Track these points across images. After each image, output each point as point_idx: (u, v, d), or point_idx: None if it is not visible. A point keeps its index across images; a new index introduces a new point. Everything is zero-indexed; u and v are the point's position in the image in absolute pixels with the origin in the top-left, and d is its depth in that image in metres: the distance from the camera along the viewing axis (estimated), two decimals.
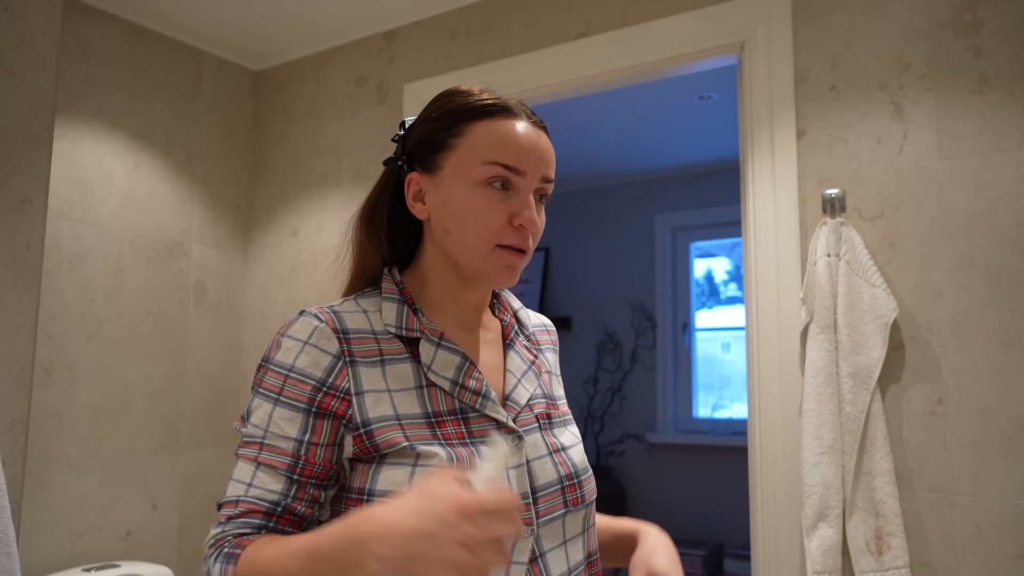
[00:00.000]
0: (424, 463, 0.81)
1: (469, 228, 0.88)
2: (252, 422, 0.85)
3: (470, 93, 0.92)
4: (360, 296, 0.94)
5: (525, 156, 0.88)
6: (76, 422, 2.30)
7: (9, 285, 1.31)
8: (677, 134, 3.54)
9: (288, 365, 0.84)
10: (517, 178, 0.88)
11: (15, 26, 1.35)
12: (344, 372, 0.84)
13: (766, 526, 1.75)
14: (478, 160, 0.88)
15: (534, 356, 1.01)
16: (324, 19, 2.53)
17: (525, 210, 0.88)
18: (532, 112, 0.94)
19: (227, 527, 0.80)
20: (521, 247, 0.90)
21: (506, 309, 1.04)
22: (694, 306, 4.17)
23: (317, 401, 0.83)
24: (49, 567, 2.20)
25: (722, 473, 3.86)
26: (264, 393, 0.85)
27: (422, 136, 0.93)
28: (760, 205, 1.83)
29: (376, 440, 0.83)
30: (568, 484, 0.90)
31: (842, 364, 1.64)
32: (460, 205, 0.88)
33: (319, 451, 0.83)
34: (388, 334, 0.89)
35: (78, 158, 2.35)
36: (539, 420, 0.94)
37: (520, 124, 0.90)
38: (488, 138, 0.89)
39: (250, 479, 0.82)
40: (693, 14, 1.96)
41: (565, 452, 0.93)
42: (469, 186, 0.88)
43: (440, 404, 0.87)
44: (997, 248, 1.56)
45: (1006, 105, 1.57)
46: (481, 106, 0.90)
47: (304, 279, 2.67)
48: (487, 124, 0.89)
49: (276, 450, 0.82)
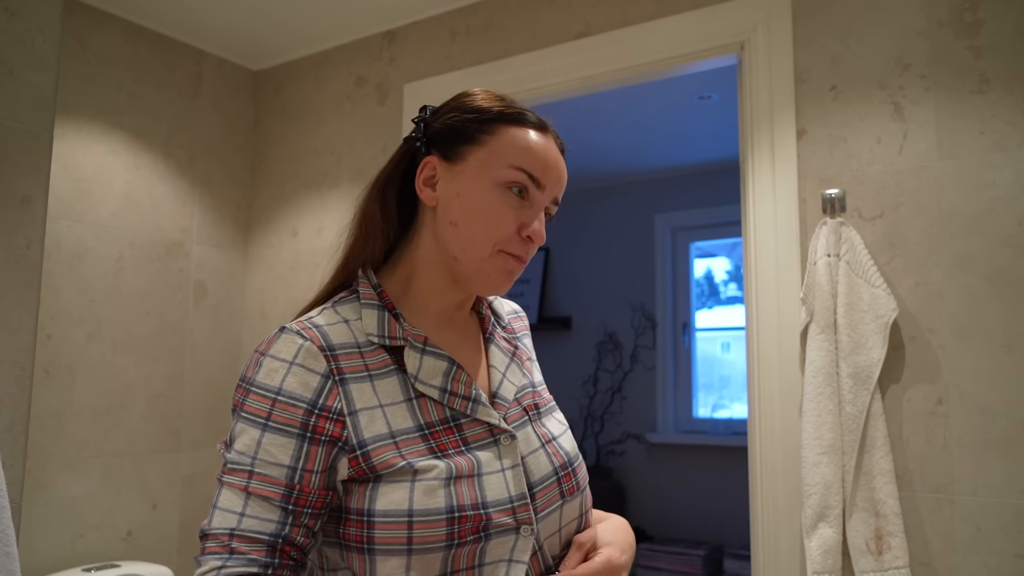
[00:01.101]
0: (422, 478, 0.80)
1: (480, 226, 0.88)
2: (237, 448, 0.80)
3: (503, 99, 0.94)
4: (338, 303, 0.91)
5: (548, 172, 0.90)
6: (76, 422, 2.30)
7: (9, 285, 1.31)
8: (677, 134, 3.54)
9: (275, 388, 0.80)
10: (536, 190, 0.90)
11: (15, 26, 1.35)
12: (335, 392, 0.82)
13: (766, 526, 1.75)
14: (505, 162, 0.89)
15: (514, 347, 1.00)
16: (324, 19, 2.53)
17: (535, 222, 0.90)
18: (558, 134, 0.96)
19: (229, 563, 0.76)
20: (523, 256, 0.90)
21: (482, 300, 1.03)
22: (694, 306, 4.17)
23: (311, 425, 0.80)
24: (49, 567, 2.20)
25: (722, 473, 3.86)
26: (249, 418, 0.81)
27: (451, 122, 0.92)
28: (760, 205, 1.83)
29: (373, 461, 0.80)
30: (563, 474, 0.90)
31: (842, 364, 1.64)
32: (476, 201, 0.88)
33: (314, 478, 0.80)
34: (371, 345, 0.87)
35: (78, 158, 2.35)
36: (528, 412, 0.93)
37: (548, 141, 0.92)
38: (519, 144, 0.90)
39: (241, 509, 0.78)
40: (693, 14, 1.96)
41: (556, 441, 0.93)
42: (490, 185, 0.88)
43: (431, 414, 0.86)
44: (997, 248, 1.56)
45: (1006, 105, 1.57)
46: (518, 113, 0.92)
47: (304, 279, 2.67)
48: (521, 131, 0.91)
49: (267, 479, 0.78)
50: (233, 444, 0.81)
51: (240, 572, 0.76)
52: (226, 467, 0.81)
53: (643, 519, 4.07)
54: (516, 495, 0.84)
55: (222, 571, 0.75)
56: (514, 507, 0.83)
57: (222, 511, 0.78)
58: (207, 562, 0.76)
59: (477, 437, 0.86)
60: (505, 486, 0.84)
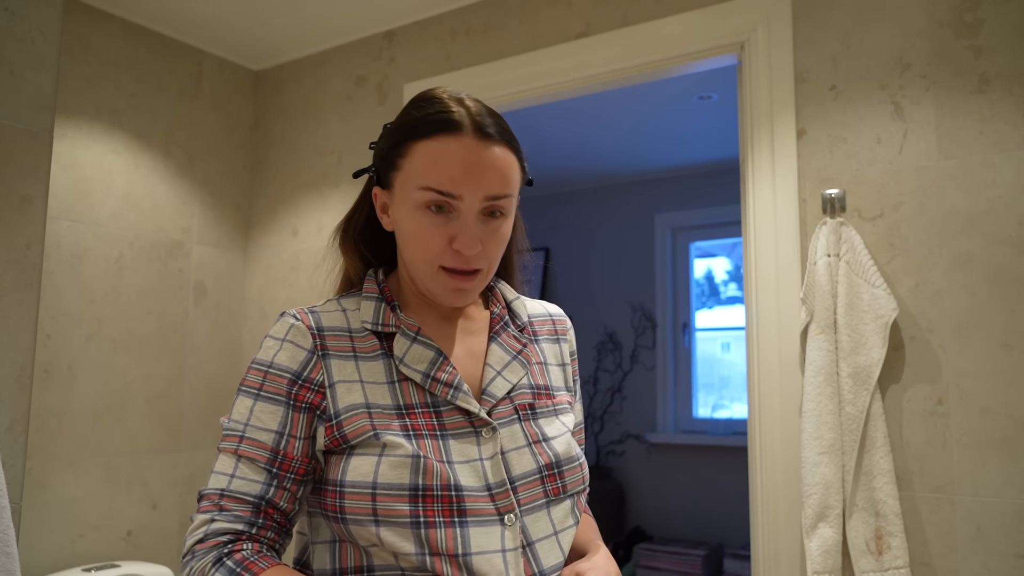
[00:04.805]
0: (389, 453, 0.83)
1: (413, 250, 0.90)
2: (233, 417, 0.88)
3: (424, 103, 0.90)
4: (343, 296, 0.98)
5: (460, 180, 0.85)
6: (76, 422, 2.30)
7: (9, 285, 1.31)
8: (677, 134, 3.54)
9: (268, 362, 0.89)
10: (454, 201, 0.86)
11: (15, 26, 1.35)
12: (319, 366, 0.88)
13: (766, 526, 1.75)
14: (415, 184, 0.87)
15: (522, 345, 0.99)
16: (324, 19, 2.53)
17: (463, 233, 0.87)
18: (486, 121, 0.88)
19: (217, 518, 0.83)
20: (463, 269, 0.89)
21: (498, 301, 1.03)
22: (694, 306, 4.17)
23: (293, 394, 0.87)
24: (49, 567, 2.20)
25: (722, 473, 3.86)
26: (246, 390, 0.89)
27: (379, 151, 0.94)
28: (760, 205, 1.83)
29: (345, 430, 0.85)
30: (548, 474, 0.90)
31: (842, 364, 1.64)
32: (405, 226, 0.90)
33: (297, 444, 0.86)
34: (364, 331, 0.92)
35: (78, 158, 2.35)
36: (519, 411, 0.93)
37: (460, 143, 0.86)
38: (423, 161, 0.86)
39: (232, 471, 0.85)
40: (693, 14, 1.96)
41: (547, 442, 0.92)
42: (410, 209, 0.88)
43: (412, 397, 0.89)
44: (997, 248, 1.56)
45: (1006, 105, 1.57)
46: (423, 124, 0.87)
47: (304, 279, 2.67)
48: (426, 145, 0.86)
49: (255, 443, 0.86)
50: (231, 414, 0.89)
51: (227, 528, 0.83)
52: (223, 435, 0.88)
53: (643, 519, 4.07)
54: (495, 483, 0.85)
55: (211, 525, 0.83)
56: (492, 494, 0.84)
57: (216, 474, 0.86)
58: (197, 517, 0.85)
59: (456, 425, 0.88)
60: (483, 474, 0.85)
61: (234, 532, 0.83)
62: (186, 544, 0.84)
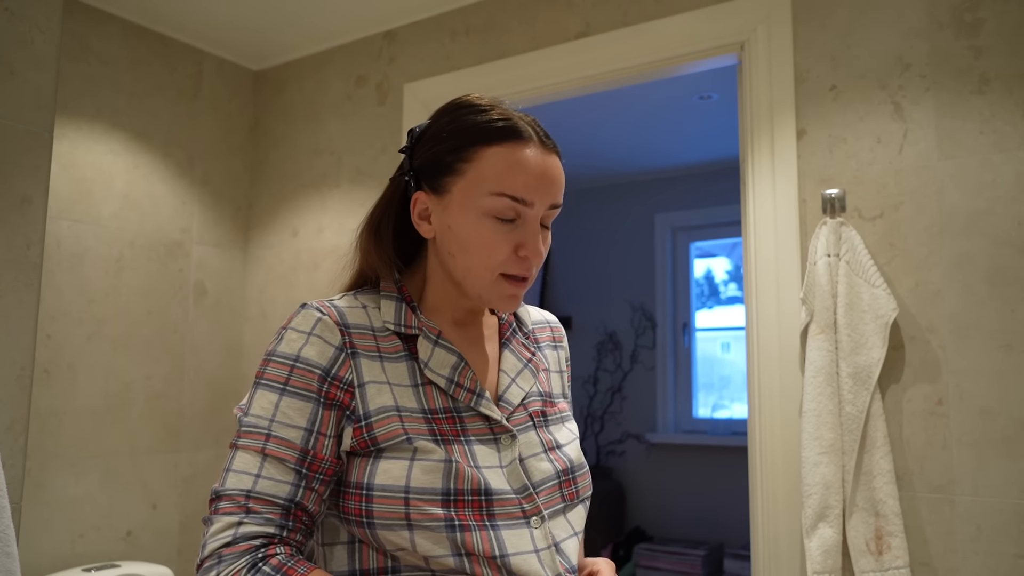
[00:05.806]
0: (422, 458, 0.82)
1: (474, 257, 0.88)
2: (255, 412, 0.83)
3: (481, 110, 0.89)
4: (359, 292, 0.95)
5: (534, 188, 0.86)
6: (76, 422, 2.30)
7: (9, 285, 1.31)
8: (677, 134, 3.54)
9: (293, 355, 0.84)
10: (525, 209, 0.87)
11: (15, 26, 1.35)
12: (347, 364, 0.85)
13: (766, 526, 1.76)
14: (486, 190, 0.86)
15: (531, 353, 1.01)
16: (324, 19, 2.53)
17: (531, 241, 0.87)
18: (545, 134, 0.90)
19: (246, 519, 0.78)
20: (524, 276, 0.89)
21: None
22: (694, 306, 4.17)
23: (323, 391, 0.83)
24: (49, 567, 2.20)
25: (722, 473, 3.85)
26: (268, 384, 0.84)
27: (431, 156, 0.90)
28: (760, 205, 1.83)
29: (375, 432, 0.83)
30: (564, 479, 0.91)
31: (842, 364, 1.64)
32: (466, 233, 0.87)
33: (327, 443, 0.83)
34: (386, 331, 0.90)
35: (78, 158, 2.35)
36: (533, 418, 0.94)
37: (531, 150, 0.87)
38: (497, 167, 0.86)
39: (257, 470, 0.80)
40: (693, 14, 1.96)
41: (560, 449, 0.94)
42: (476, 215, 0.86)
43: (436, 401, 0.88)
44: (997, 248, 1.56)
45: (1006, 105, 1.57)
46: (492, 129, 0.87)
47: (304, 279, 2.67)
48: (497, 150, 0.86)
49: (283, 441, 0.81)
50: (251, 409, 0.84)
51: (258, 531, 0.78)
52: (242, 431, 0.83)
53: (643, 519, 4.07)
54: (518, 488, 0.85)
55: (240, 528, 0.77)
56: (519, 498, 0.85)
57: (237, 473, 0.80)
58: (220, 520, 0.78)
59: (478, 431, 0.88)
60: (505, 480, 0.85)
61: (265, 536, 0.79)
62: (207, 548, 0.78)
